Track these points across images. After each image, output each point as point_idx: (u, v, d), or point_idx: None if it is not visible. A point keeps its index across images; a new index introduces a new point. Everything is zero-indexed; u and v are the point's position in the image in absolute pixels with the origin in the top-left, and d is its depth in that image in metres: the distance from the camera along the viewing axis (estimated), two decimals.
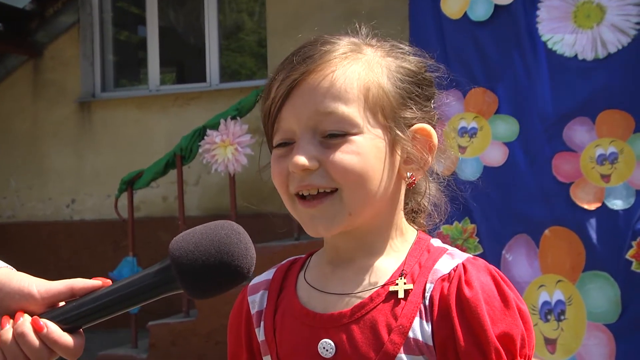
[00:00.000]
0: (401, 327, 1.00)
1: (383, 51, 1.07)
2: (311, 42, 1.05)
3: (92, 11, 6.60)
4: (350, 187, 1.00)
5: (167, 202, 6.08)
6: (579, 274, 3.41)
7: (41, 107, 6.62)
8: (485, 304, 0.97)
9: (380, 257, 1.07)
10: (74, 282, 0.98)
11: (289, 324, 1.08)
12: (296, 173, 1.01)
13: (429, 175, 1.14)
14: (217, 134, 4.51)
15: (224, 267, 0.93)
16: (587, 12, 3.51)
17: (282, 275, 1.14)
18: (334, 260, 1.10)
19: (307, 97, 1.01)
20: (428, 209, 1.15)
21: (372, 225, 1.07)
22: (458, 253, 1.06)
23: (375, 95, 1.02)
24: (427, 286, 1.01)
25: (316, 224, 1.03)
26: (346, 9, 5.32)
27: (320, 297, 1.07)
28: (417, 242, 1.08)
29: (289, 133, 1.03)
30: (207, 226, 0.96)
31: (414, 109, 1.06)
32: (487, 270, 1.02)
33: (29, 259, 5.98)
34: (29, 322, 0.94)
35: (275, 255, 4.18)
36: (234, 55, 7.00)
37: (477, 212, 3.53)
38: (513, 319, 0.98)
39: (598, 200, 3.41)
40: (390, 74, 1.05)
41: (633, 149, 3.39)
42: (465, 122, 3.62)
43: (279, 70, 1.05)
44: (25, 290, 0.97)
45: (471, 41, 3.65)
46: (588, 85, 3.47)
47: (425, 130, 1.07)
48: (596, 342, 3.37)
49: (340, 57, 1.02)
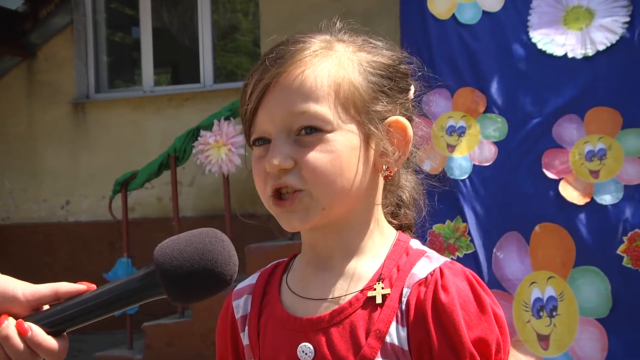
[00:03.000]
0: (378, 332, 1.01)
1: (355, 46, 1.08)
2: (283, 43, 1.06)
3: (85, 12, 6.60)
4: (322, 185, 1.02)
5: (162, 203, 6.09)
6: (570, 269, 3.43)
7: (35, 109, 6.63)
8: (461, 309, 0.98)
9: (360, 259, 1.08)
10: (58, 286, 0.99)
11: (272, 329, 1.09)
12: (273, 172, 1.03)
13: (406, 168, 1.15)
14: (211, 134, 4.52)
15: (207, 274, 0.94)
16: (577, 16, 3.54)
17: (265, 280, 1.15)
18: (313, 260, 1.11)
19: (279, 99, 1.02)
20: (410, 203, 1.16)
21: (349, 219, 1.07)
22: (436, 256, 1.06)
23: (346, 90, 1.03)
24: (404, 290, 1.02)
25: (290, 219, 1.04)
26: (340, 9, 5.31)
27: (302, 301, 1.08)
28: (396, 244, 1.09)
29: (264, 133, 1.05)
30: (191, 233, 0.97)
31: (386, 102, 1.06)
32: (463, 274, 1.02)
33: (24, 261, 5.99)
34: (14, 325, 0.95)
35: (269, 255, 4.19)
36: (229, 55, 7.01)
37: (468, 211, 3.55)
38: (488, 324, 0.99)
39: (587, 195, 3.43)
40: (361, 68, 1.05)
41: (621, 145, 3.42)
42: (453, 121, 3.64)
43: (253, 72, 1.06)
44: (9, 293, 0.97)
45: (459, 41, 3.67)
46: (577, 83, 3.49)
47: (399, 122, 1.07)
48: (589, 336, 3.39)
49: (310, 55, 1.03)
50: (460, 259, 3.53)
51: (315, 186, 1.02)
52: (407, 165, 1.15)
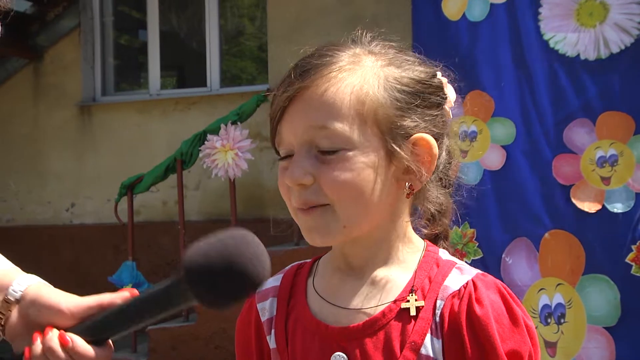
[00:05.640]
0: (413, 344, 1.02)
1: (385, 60, 1.06)
2: (310, 55, 1.06)
3: (93, 15, 6.61)
4: (343, 203, 1.02)
5: (167, 206, 6.08)
6: (579, 277, 3.41)
7: (41, 111, 6.63)
8: (495, 322, 1.00)
9: (390, 269, 1.08)
10: (102, 298, 1.02)
11: (301, 334, 1.09)
12: (293, 187, 1.03)
13: (436, 182, 1.13)
14: (218, 138, 4.51)
15: (230, 273, 0.92)
16: (590, 10, 3.49)
17: (290, 282, 1.15)
18: (342, 268, 1.11)
19: (302, 112, 1.02)
20: (437, 215, 1.15)
21: (374, 236, 1.07)
22: (467, 268, 1.08)
23: (370, 108, 1.02)
24: (437, 303, 1.04)
25: (313, 235, 1.04)
26: (348, 14, 5.31)
27: (332, 308, 1.08)
28: (426, 255, 1.09)
29: (289, 146, 1.05)
30: (217, 236, 0.95)
31: (413, 118, 1.05)
32: (496, 287, 1.04)
33: (29, 263, 5.96)
34: (57, 337, 0.98)
35: (275, 259, 4.17)
36: (235, 60, 7.01)
37: (476, 216, 3.53)
38: (521, 337, 1.01)
39: (598, 202, 3.41)
40: (387, 85, 1.04)
41: (633, 151, 3.39)
42: (465, 126, 3.62)
43: (280, 84, 1.06)
44: (54, 307, 1.02)
45: (469, 42, 3.64)
46: (590, 86, 3.46)
47: (424, 139, 1.06)
48: (596, 345, 3.37)
49: (336, 70, 1.03)
50: (469, 264, 3.51)
51: (339, 202, 1.02)
52: (437, 179, 1.14)
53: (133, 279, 4.64)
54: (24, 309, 1.03)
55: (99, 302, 1.02)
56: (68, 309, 1.01)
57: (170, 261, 5.77)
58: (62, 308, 1.01)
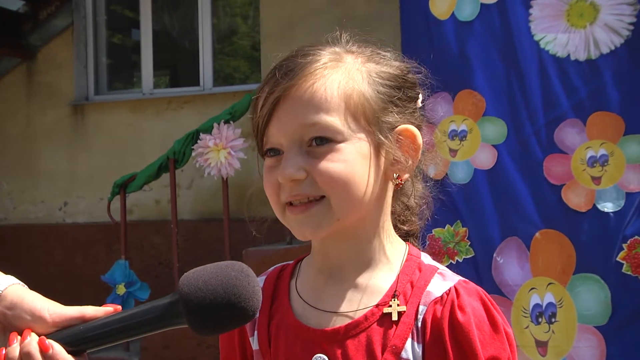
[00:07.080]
0: (394, 347, 1.04)
1: (364, 57, 1.09)
2: (292, 55, 1.08)
3: (86, 14, 6.60)
4: (337, 194, 1.03)
5: (160, 205, 6.08)
6: (570, 276, 3.42)
7: (34, 110, 6.62)
8: (476, 329, 1.03)
9: (373, 272, 1.10)
10: (85, 310, 1.02)
11: (284, 336, 1.10)
12: (286, 184, 1.04)
13: (416, 175, 1.17)
14: (210, 137, 4.52)
15: (230, 308, 0.94)
16: (581, 11, 3.50)
17: (273, 284, 1.17)
18: (324, 270, 1.12)
19: (290, 111, 1.04)
20: (416, 210, 1.18)
21: (360, 229, 1.09)
22: (449, 274, 1.10)
23: (356, 101, 1.05)
24: (420, 308, 1.06)
25: (304, 228, 1.05)
26: (339, 14, 5.32)
27: (314, 311, 1.10)
28: (408, 259, 1.12)
29: (277, 145, 1.07)
30: (217, 265, 0.98)
31: (396, 111, 1.08)
32: (477, 294, 1.07)
33: (22, 262, 5.96)
34: (36, 341, 0.97)
35: (267, 259, 4.19)
36: (228, 59, 7.01)
37: (468, 215, 3.54)
38: (501, 343, 1.04)
39: (589, 202, 3.42)
40: (370, 79, 1.07)
41: (623, 151, 3.41)
42: (455, 125, 3.63)
43: (264, 85, 1.08)
44: (37, 314, 1.00)
45: (458, 41, 3.64)
46: (580, 87, 3.47)
47: (409, 131, 1.09)
48: (587, 344, 3.39)
49: (320, 67, 1.05)
50: (460, 263, 3.53)
51: (333, 193, 1.03)
52: (416, 173, 1.17)
53: (126, 278, 4.64)
54: (0, 310, 1.02)
55: (81, 314, 1.01)
56: (51, 317, 1.00)
57: (163, 260, 5.77)
58: (45, 316, 1.00)
